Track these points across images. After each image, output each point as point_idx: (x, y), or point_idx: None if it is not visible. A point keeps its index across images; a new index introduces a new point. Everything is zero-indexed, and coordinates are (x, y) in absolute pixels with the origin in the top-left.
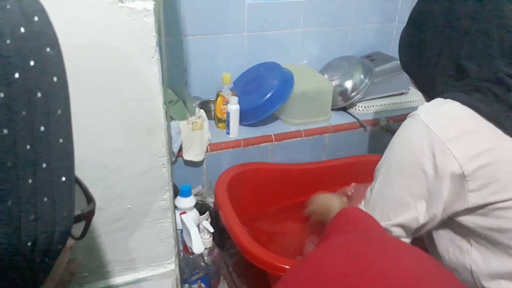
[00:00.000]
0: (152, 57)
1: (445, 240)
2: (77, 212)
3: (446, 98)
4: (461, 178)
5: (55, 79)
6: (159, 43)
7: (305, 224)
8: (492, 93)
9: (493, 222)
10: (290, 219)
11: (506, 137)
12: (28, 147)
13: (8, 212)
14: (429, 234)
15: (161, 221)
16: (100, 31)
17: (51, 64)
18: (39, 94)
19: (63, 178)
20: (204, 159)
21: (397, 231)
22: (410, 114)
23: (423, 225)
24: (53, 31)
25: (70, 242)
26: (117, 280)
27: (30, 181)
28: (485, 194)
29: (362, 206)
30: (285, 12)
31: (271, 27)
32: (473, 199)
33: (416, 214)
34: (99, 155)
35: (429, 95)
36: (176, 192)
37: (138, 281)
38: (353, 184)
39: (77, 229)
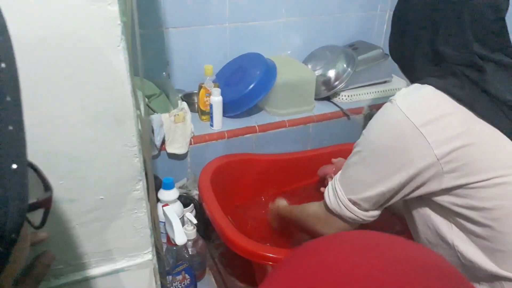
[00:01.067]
0: (118, 46)
1: (424, 218)
2: (33, 200)
3: (422, 83)
4: (435, 162)
5: (3, 65)
6: (127, 33)
7: None
8: (466, 77)
9: (466, 202)
10: None
11: (478, 120)
12: None
13: None
14: (409, 213)
15: (136, 211)
16: (63, 20)
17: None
18: None
19: (14, 166)
20: (188, 151)
21: (365, 204)
22: (389, 99)
23: (388, 199)
24: (2, 18)
25: (42, 234)
26: (93, 271)
27: None
28: (458, 176)
29: (337, 177)
30: (267, 3)
31: (253, 18)
32: (447, 181)
33: (384, 190)
34: (70, 145)
35: (412, 81)
36: (159, 186)
37: (115, 272)
38: (334, 160)
39: (37, 217)
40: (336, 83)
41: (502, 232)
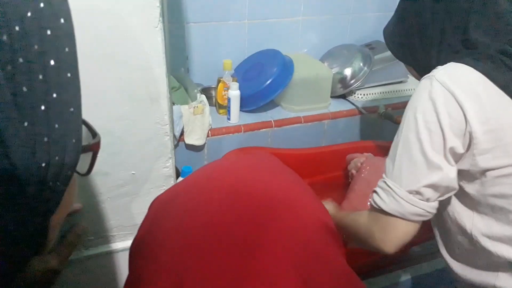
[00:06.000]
0: (156, 27)
1: (448, 205)
2: (84, 143)
3: (458, 62)
4: (470, 139)
5: (62, 20)
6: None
7: None
8: (503, 62)
9: (496, 189)
10: None
11: None
12: (41, 76)
13: (25, 133)
14: None
15: (164, 187)
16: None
17: (59, 6)
18: (48, 32)
19: (72, 109)
20: (205, 143)
21: (428, 192)
22: (424, 77)
23: (453, 182)
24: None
25: (76, 205)
26: (120, 244)
27: (42, 107)
28: (489, 158)
29: (384, 177)
30: (285, 1)
31: (271, 15)
32: (478, 162)
33: (445, 171)
34: (105, 121)
35: (422, 74)
36: (178, 174)
37: None
38: (366, 154)
39: (84, 165)
40: (352, 81)
41: None
